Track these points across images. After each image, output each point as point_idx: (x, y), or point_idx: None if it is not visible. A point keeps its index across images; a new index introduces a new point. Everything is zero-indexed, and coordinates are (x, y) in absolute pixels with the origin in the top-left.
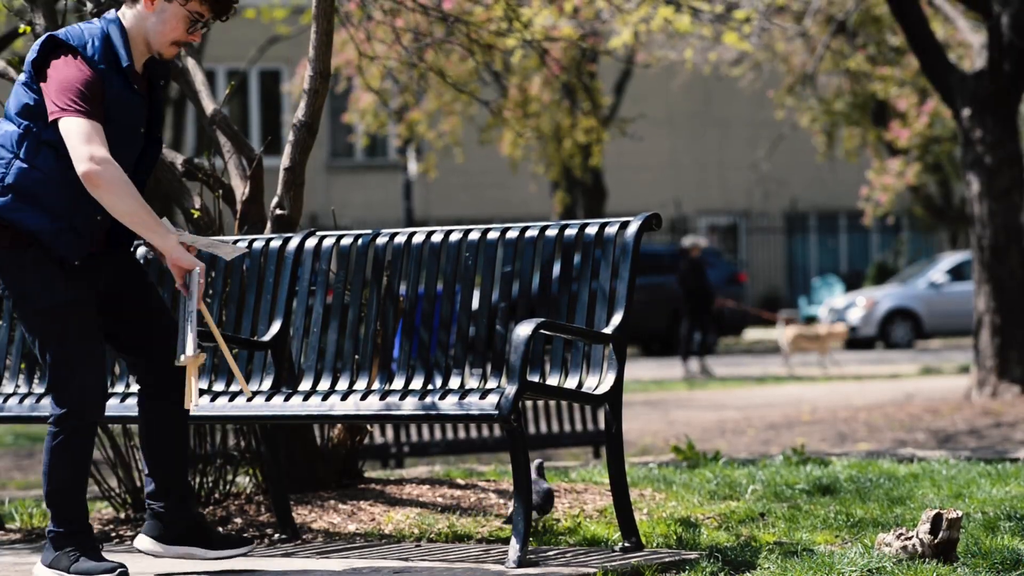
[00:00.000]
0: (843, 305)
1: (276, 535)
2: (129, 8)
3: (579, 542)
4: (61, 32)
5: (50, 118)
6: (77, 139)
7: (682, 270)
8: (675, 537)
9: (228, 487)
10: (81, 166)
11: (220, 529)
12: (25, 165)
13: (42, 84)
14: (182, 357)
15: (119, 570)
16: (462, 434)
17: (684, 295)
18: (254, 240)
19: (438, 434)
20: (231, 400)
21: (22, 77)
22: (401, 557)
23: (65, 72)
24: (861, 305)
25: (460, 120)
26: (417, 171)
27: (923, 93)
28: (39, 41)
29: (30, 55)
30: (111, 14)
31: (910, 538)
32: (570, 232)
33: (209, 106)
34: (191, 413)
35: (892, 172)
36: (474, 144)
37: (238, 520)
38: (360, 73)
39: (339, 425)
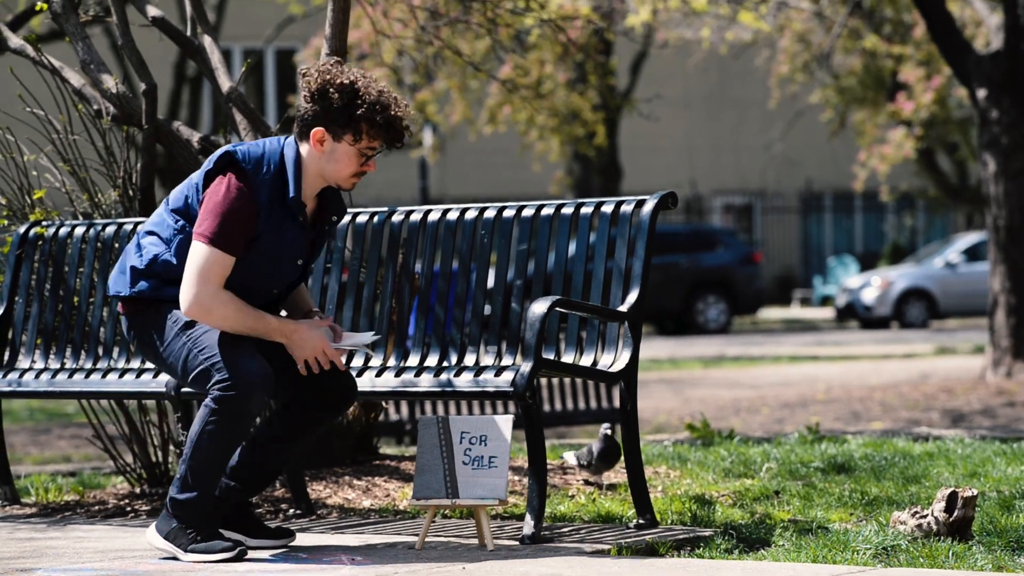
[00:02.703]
0: (858, 285)
1: (291, 510)
2: (301, 143)
3: (594, 519)
4: (241, 149)
5: (193, 232)
6: (195, 271)
7: None
8: (690, 514)
9: None
10: (184, 301)
11: None
12: (173, 260)
13: (205, 194)
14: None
15: (239, 549)
16: (477, 411)
17: None
18: None
19: (453, 411)
20: None
21: (196, 177)
22: (415, 533)
23: (224, 197)
24: (876, 285)
25: (467, 105)
26: (430, 152)
27: (930, 68)
28: (218, 153)
29: (206, 165)
30: (290, 137)
31: (925, 516)
32: (586, 210)
33: (225, 84)
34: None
35: (892, 143)
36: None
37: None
38: (375, 50)
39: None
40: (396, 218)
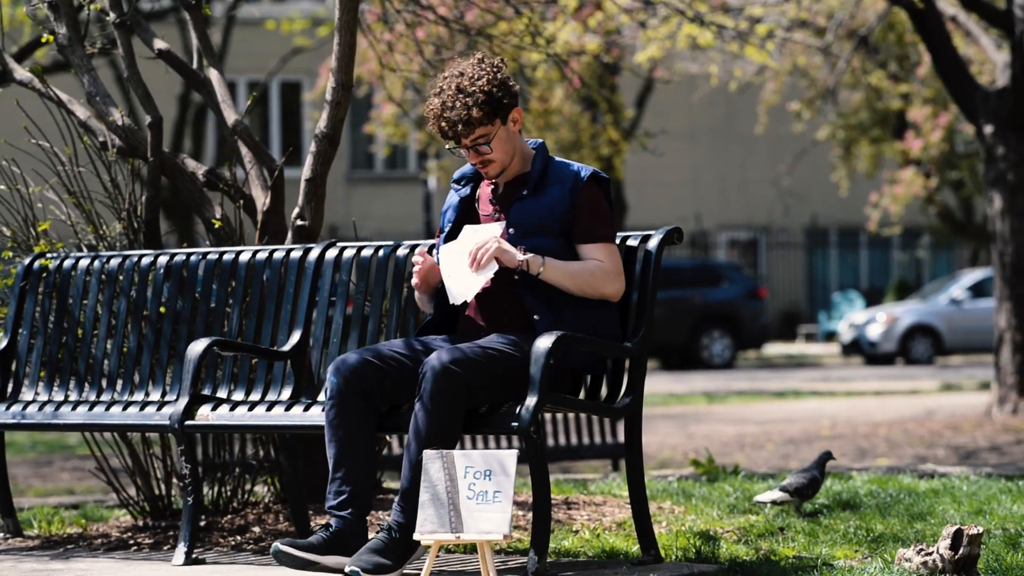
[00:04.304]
0: (863, 321)
1: None
2: None
3: (598, 555)
4: None
5: None
6: None
7: None
8: (694, 550)
9: (246, 496)
10: None
11: (238, 538)
12: None
13: None
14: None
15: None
16: (481, 446)
17: None
18: (274, 251)
19: (457, 445)
20: (250, 410)
21: None
22: (419, 568)
23: None
24: (881, 321)
25: None
26: (436, 182)
27: (938, 105)
28: None
29: None
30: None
31: (930, 554)
32: None
33: (231, 117)
34: (210, 423)
35: (903, 182)
36: None
37: (256, 529)
38: (382, 83)
39: None
40: (401, 252)
